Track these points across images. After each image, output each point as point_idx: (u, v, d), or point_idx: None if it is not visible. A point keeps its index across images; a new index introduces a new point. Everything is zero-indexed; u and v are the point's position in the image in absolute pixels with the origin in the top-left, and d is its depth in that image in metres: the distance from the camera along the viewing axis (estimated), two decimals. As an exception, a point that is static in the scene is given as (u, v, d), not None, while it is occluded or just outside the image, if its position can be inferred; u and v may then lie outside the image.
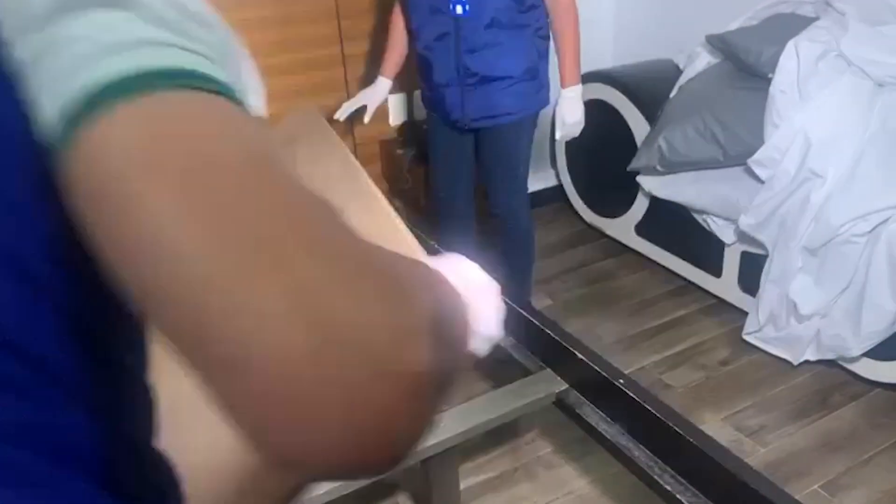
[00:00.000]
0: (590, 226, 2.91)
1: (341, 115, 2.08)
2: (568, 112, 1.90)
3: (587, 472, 1.79)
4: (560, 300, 2.48)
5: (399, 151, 2.48)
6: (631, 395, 1.44)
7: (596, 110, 2.66)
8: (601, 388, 1.52)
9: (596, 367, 1.53)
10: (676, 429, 1.34)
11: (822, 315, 1.98)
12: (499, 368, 2.13)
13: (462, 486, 1.64)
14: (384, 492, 1.74)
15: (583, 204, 2.92)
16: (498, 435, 1.88)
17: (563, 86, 1.89)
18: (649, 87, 2.56)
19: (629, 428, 1.47)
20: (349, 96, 2.48)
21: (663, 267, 2.60)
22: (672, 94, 2.41)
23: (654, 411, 1.39)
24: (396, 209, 0.66)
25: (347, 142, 2.55)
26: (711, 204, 2.22)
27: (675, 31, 2.70)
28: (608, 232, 2.82)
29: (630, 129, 2.54)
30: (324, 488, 1.38)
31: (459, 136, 2.03)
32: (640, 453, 1.43)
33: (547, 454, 1.85)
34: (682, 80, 2.43)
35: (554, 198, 3.02)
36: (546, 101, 1.97)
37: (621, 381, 1.48)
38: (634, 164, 2.41)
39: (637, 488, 1.67)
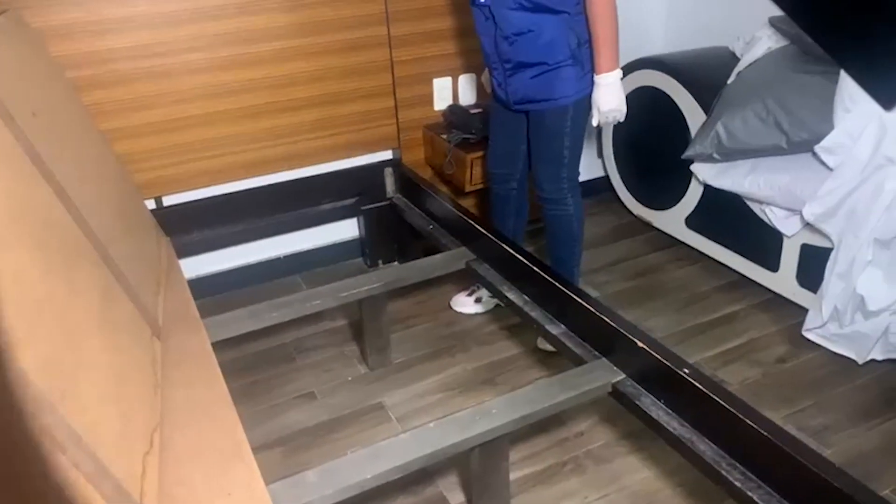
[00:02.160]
0: (637, 218, 2.82)
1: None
2: (602, 100, 1.84)
3: (642, 466, 1.71)
4: (606, 293, 2.39)
5: (443, 136, 2.42)
6: (697, 385, 1.36)
7: (646, 97, 2.59)
8: (663, 377, 1.44)
9: (658, 356, 1.45)
10: (749, 421, 1.26)
11: (892, 311, 1.87)
12: (550, 358, 2.07)
13: (511, 476, 1.57)
14: (427, 479, 1.69)
15: (630, 195, 2.83)
16: (546, 426, 1.81)
17: (596, 73, 1.83)
18: (704, 73, 2.46)
19: (694, 420, 1.39)
20: (395, 77, 2.44)
21: (715, 261, 2.50)
22: (730, 81, 2.32)
23: (723, 403, 1.31)
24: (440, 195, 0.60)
25: (391, 126, 2.50)
26: (771, 194, 2.12)
27: (727, 17, 2.60)
28: (656, 224, 2.73)
29: (683, 117, 2.45)
30: (369, 473, 1.32)
31: (513, 116, 2.00)
32: (705, 447, 1.35)
33: (597, 448, 1.77)
34: (741, 66, 2.34)
35: (600, 189, 2.94)
36: (583, 86, 1.90)
37: (686, 370, 1.40)
38: (689, 153, 2.32)
39: (699, 484, 1.60)
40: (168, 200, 2.31)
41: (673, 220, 2.63)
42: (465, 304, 2.33)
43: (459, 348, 2.17)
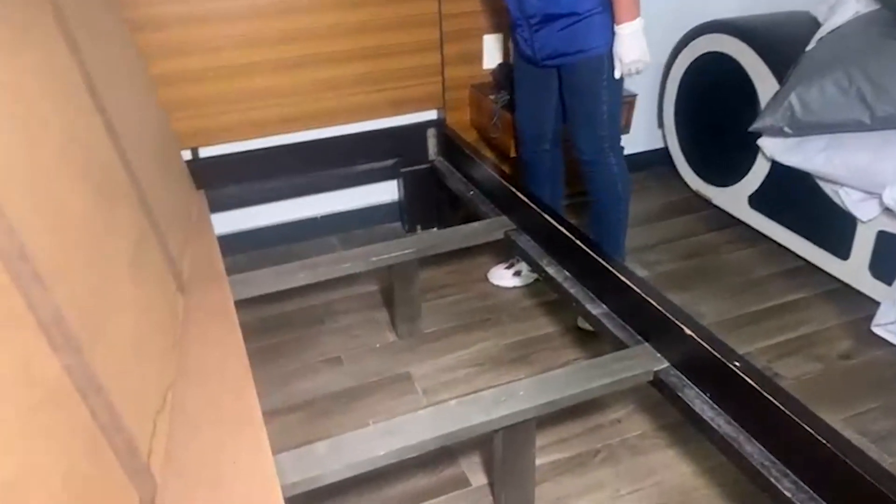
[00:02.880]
0: (696, 194, 2.64)
1: None
2: (624, 51, 1.72)
3: (680, 462, 1.59)
4: (656, 272, 2.24)
5: (490, 97, 2.28)
6: (748, 380, 1.22)
7: (714, 64, 2.40)
8: (710, 368, 1.31)
9: (706, 345, 1.31)
10: (804, 425, 1.12)
11: (977, 311, 1.68)
12: (590, 339, 1.94)
13: (536, 462, 1.46)
14: (449, 457, 1.60)
15: (689, 169, 2.65)
16: (579, 410, 1.69)
17: (616, 23, 1.70)
18: (780, 39, 2.25)
19: (742, 419, 1.26)
20: (442, 32, 2.30)
21: (778, 244, 2.31)
22: (809, 48, 2.10)
23: (776, 402, 1.17)
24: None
25: (436, 85, 2.38)
26: (847, 174, 1.92)
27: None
28: (716, 201, 2.54)
29: (753, 86, 2.25)
30: (382, 450, 1.24)
31: (542, 73, 1.88)
32: (752, 449, 1.22)
33: (634, 438, 1.65)
34: (823, 31, 2.12)
35: (657, 161, 2.76)
36: (608, 37, 1.75)
37: (736, 363, 1.26)
38: (757, 125, 2.12)
39: (742, 487, 1.47)
40: (204, 152, 2.25)
41: (734, 198, 2.44)
42: (502, 276, 2.22)
43: (493, 322, 2.06)
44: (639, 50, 1.72)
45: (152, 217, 1.47)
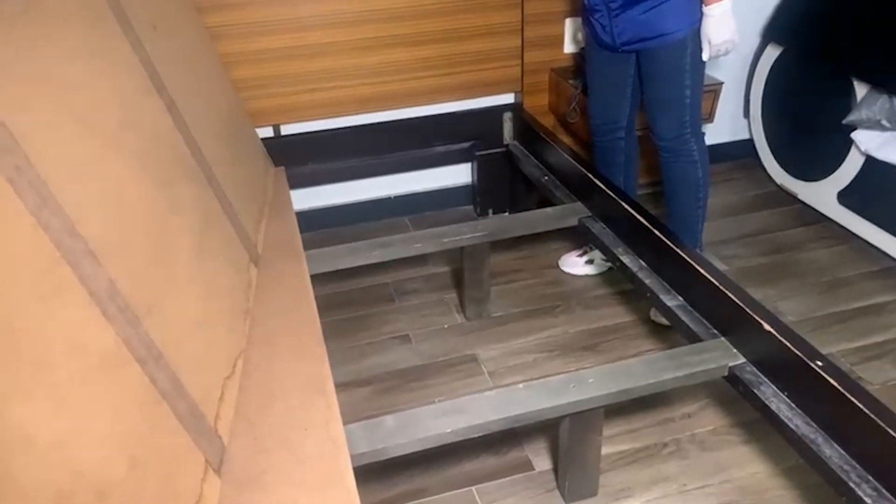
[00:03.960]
0: (780, 188, 2.53)
1: None
2: (713, 31, 1.67)
3: (753, 460, 1.54)
4: (735, 267, 2.17)
5: (570, 82, 2.25)
6: (831, 381, 1.17)
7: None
8: (790, 367, 1.26)
9: (787, 342, 1.26)
10: (891, 431, 1.07)
11: None
12: (662, 332, 1.91)
13: (602, 451, 1.45)
14: (513, 440, 1.60)
15: (775, 162, 2.55)
16: (648, 401, 1.67)
17: (705, 3, 1.65)
18: (883, 26, 2.12)
19: (822, 420, 1.21)
20: (524, 14, 2.28)
21: (867, 243, 2.20)
22: (914, 36, 1.98)
23: (861, 405, 1.12)
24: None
25: (515, 68, 2.36)
26: (950, 171, 1.81)
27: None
28: (802, 197, 2.44)
29: (849, 77, 2.13)
30: (449, 428, 1.25)
31: (618, 59, 1.83)
32: (831, 452, 1.17)
33: (704, 433, 1.62)
34: (930, 18, 1.99)
35: (741, 153, 2.66)
36: (695, 15, 1.70)
37: (819, 362, 1.21)
38: (852, 118, 2.02)
39: (815, 490, 1.42)
40: (286, 130, 2.30)
41: (823, 194, 2.33)
42: (574, 264, 2.20)
43: (563, 309, 2.04)
44: (728, 30, 1.67)
45: (221, 193, 1.52)
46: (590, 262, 2.18)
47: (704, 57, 1.72)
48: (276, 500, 1.06)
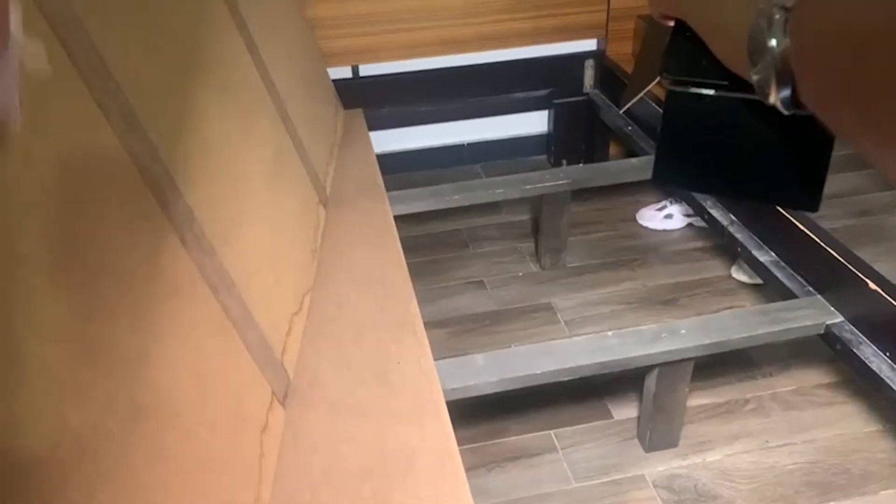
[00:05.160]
0: (870, 148, 2.43)
1: None
2: None
3: (837, 422, 1.51)
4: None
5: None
6: (944, 343, 1.13)
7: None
8: (895, 327, 1.22)
9: (894, 302, 1.22)
10: None
11: None
12: (744, 290, 1.87)
13: (684, 404, 1.44)
14: (592, 389, 1.60)
15: (866, 121, 2.43)
16: (730, 360, 1.64)
17: None
18: None
19: (927, 383, 1.18)
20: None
21: (965, 209, 2.10)
22: None
23: (978, 368, 1.08)
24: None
25: (600, 13, 2.28)
26: None
27: None
28: (894, 158, 2.33)
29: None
30: (539, 369, 1.26)
31: None
32: (938, 416, 1.14)
33: (786, 393, 1.59)
34: None
35: (829, 110, 2.55)
36: None
37: (930, 324, 1.17)
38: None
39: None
40: (364, 71, 2.29)
41: (918, 156, 2.22)
42: (653, 218, 2.16)
43: (640, 263, 2.02)
44: None
45: (293, 131, 1.52)
46: (668, 216, 2.14)
47: None
48: (372, 429, 1.09)
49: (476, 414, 1.54)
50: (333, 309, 1.34)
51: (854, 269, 1.31)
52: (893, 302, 1.23)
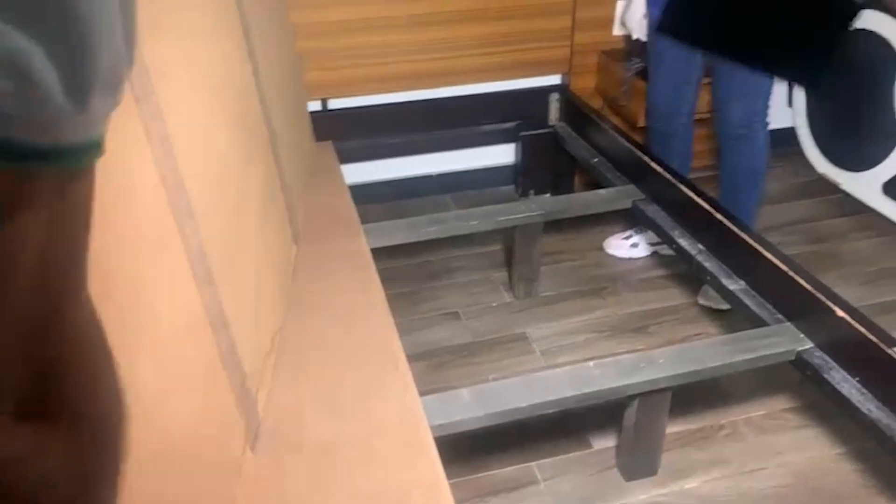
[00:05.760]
0: (822, 177, 2.53)
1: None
2: None
3: (809, 445, 1.56)
4: (778, 254, 2.18)
5: (620, 64, 2.24)
6: (911, 367, 1.18)
7: (859, 42, 2.27)
8: (863, 353, 1.27)
9: (861, 328, 1.28)
10: (975, 418, 1.08)
11: None
12: (712, 316, 1.92)
13: (661, 432, 1.47)
14: (572, 419, 1.61)
15: (818, 151, 2.54)
16: (703, 385, 1.67)
17: None
18: (939, 18, 2.11)
19: (893, 404, 1.22)
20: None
21: (913, 236, 2.21)
22: (973, 28, 1.97)
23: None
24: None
25: (564, 49, 2.35)
26: None
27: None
28: (845, 187, 2.44)
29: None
30: (525, 402, 1.27)
31: None
32: (907, 438, 1.19)
33: (758, 417, 1.63)
34: None
35: (782, 141, 2.64)
36: None
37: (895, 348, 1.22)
38: (908, 107, 2.02)
39: (873, 474, 1.44)
40: (333, 105, 2.30)
41: (867, 184, 2.33)
42: (619, 247, 2.20)
43: (610, 291, 2.05)
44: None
45: (280, 165, 1.51)
46: (635, 245, 2.19)
47: None
48: (362, 471, 1.07)
49: (457, 448, 1.53)
50: (314, 346, 1.32)
51: (822, 297, 1.36)
52: (860, 328, 1.28)
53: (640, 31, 1.94)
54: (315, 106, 2.27)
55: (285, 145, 1.60)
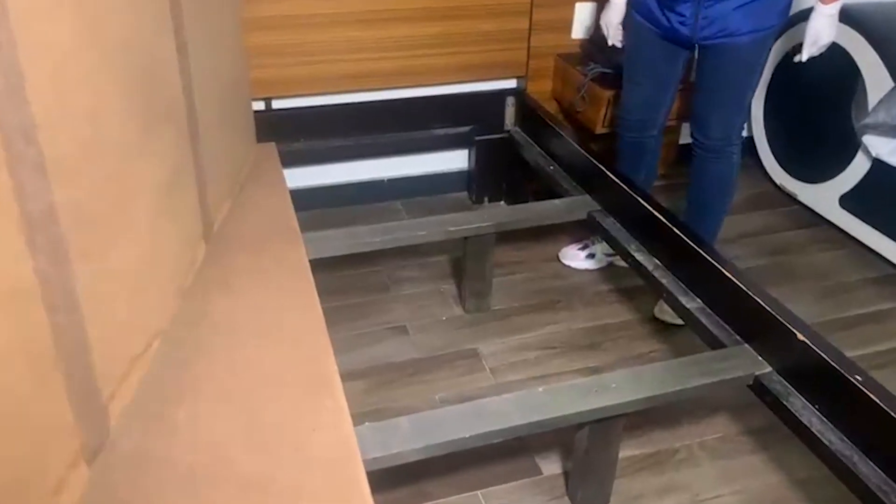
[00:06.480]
0: (779, 189, 2.50)
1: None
2: (825, 31, 1.62)
3: (766, 469, 1.50)
4: (735, 267, 2.13)
5: (578, 69, 2.17)
6: (873, 398, 1.12)
7: (821, 53, 2.24)
8: (824, 380, 1.21)
9: (823, 354, 1.21)
10: (940, 453, 1.03)
11: None
12: (668, 331, 1.85)
13: (615, 458, 1.39)
14: (520, 444, 1.53)
15: (775, 162, 2.52)
16: (658, 407, 1.61)
17: (823, 3, 1.60)
18: (897, 30, 2.10)
19: (857, 435, 1.17)
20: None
21: (868, 249, 2.18)
22: (930, 41, 1.95)
23: (907, 424, 1.07)
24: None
25: (520, 51, 2.26)
26: (964, 181, 1.79)
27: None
28: (802, 198, 2.41)
29: (861, 79, 2.10)
30: (468, 432, 1.17)
31: (674, 53, 1.73)
32: (868, 470, 1.13)
33: (714, 440, 1.57)
34: (947, 25, 1.96)
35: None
36: (787, 14, 1.65)
37: (858, 377, 1.16)
38: (868, 121, 1.99)
39: (831, 502, 1.38)
40: (277, 104, 2.17)
41: (824, 197, 2.30)
42: (575, 257, 2.13)
43: (564, 305, 1.97)
44: (835, 31, 1.63)
45: (199, 156, 1.37)
46: (591, 255, 2.11)
47: (803, 58, 1.66)
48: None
49: (397, 474, 1.43)
50: (236, 368, 1.20)
51: (781, 319, 1.30)
52: (822, 354, 1.22)
53: (616, 36, 1.84)
54: (258, 106, 2.14)
55: (213, 138, 1.47)
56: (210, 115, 1.43)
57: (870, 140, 2.03)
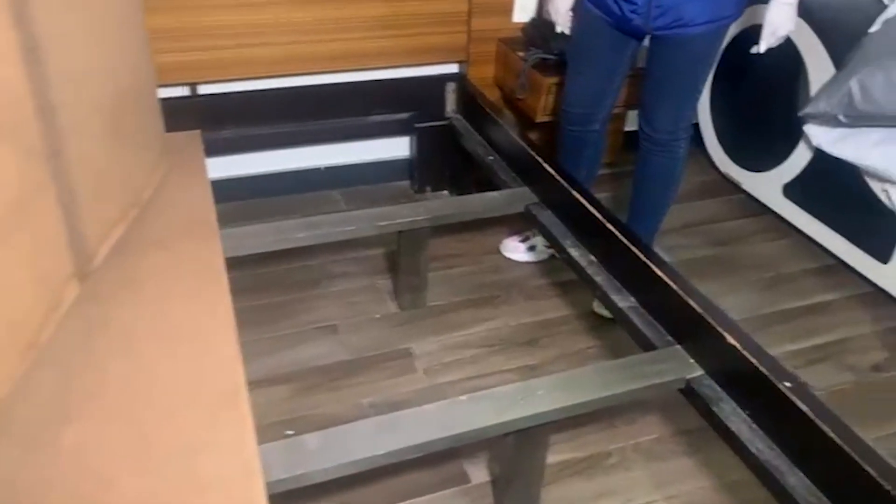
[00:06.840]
0: (724, 177, 2.47)
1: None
2: (785, 22, 1.57)
3: (699, 473, 1.47)
4: (679, 259, 2.09)
5: (520, 54, 2.09)
6: (800, 406, 1.08)
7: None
8: (753, 385, 1.17)
9: (752, 359, 1.17)
10: (866, 466, 0.99)
11: None
12: (606, 326, 1.80)
13: (545, 464, 1.34)
14: (448, 452, 1.46)
15: (720, 150, 2.48)
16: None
17: None
18: (841, 18, 2.06)
19: (785, 444, 1.13)
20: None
21: (810, 239, 2.16)
22: (872, 30, 1.92)
23: (834, 436, 1.03)
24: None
25: (460, 35, 2.17)
26: (903, 172, 1.77)
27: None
28: (746, 187, 2.38)
29: (804, 67, 2.07)
30: (382, 449, 1.10)
31: (624, 44, 1.66)
32: (796, 481, 1.09)
33: (648, 442, 1.53)
34: (889, 13, 1.93)
35: (686, 138, 2.58)
36: (744, 4, 1.60)
37: (788, 383, 1.12)
38: (808, 110, 1.95)
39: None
40: (203, 90, 2.05)
41: (768, 186, 2.28)
42: (515, 249, 2.07)
43: (503, 300, 1.91)
44: (794, 21, 1.58)
45: (66, 177, 1.19)
46: (532, 248, 2.06)
47: (761, 49, 1.60)
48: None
49: (313, 488, 1.36)
50: (129, 380, 1.11)
51: (711, 321, 1.25)
52: (751, 358, 1.17)
53: (565, 23, 1.76)
54: (182, 91, 2.02)
55: (89, 152, 1.31)
56: (85, 123, 1.27)
57: (811, 129, 2.00)
